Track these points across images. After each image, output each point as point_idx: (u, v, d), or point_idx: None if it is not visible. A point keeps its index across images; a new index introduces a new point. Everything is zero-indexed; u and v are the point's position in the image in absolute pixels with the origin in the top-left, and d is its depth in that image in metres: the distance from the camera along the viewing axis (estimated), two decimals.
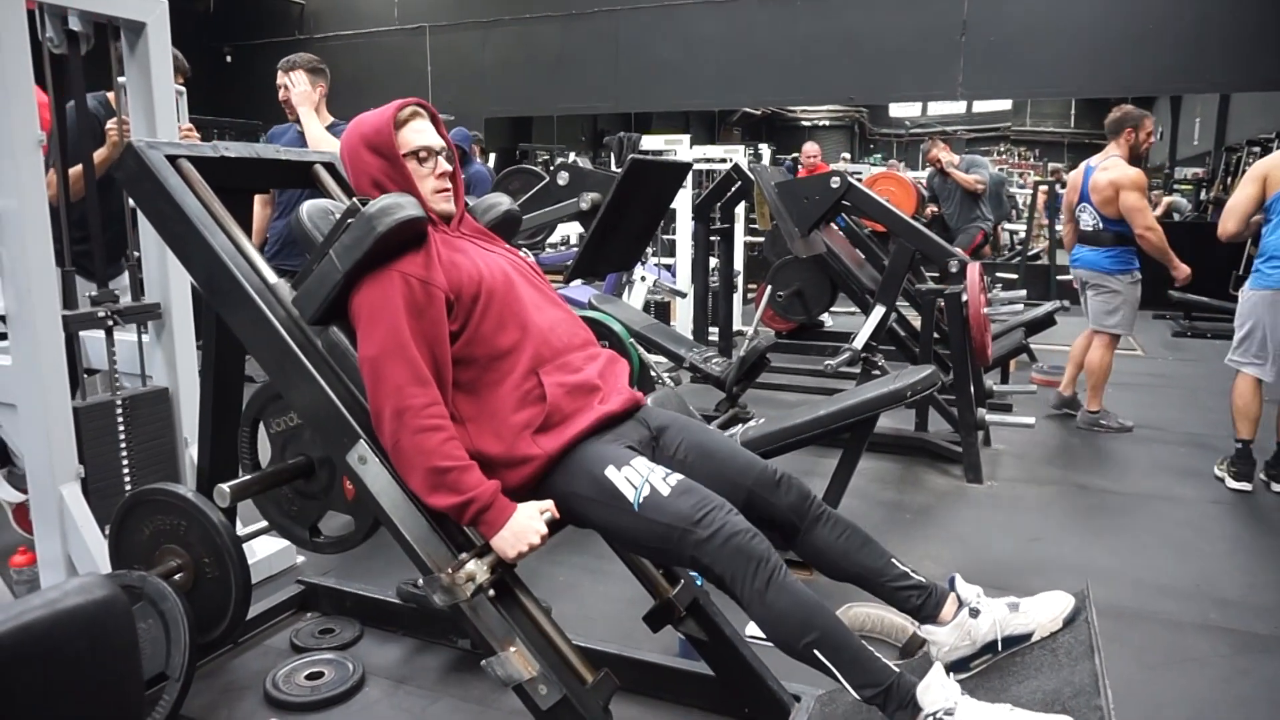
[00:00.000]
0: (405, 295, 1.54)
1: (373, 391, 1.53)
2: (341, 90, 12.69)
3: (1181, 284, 4.33)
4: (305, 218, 1.76)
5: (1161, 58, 8.52)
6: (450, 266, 1.62)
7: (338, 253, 1.56)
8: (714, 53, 10.10)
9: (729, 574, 1.44)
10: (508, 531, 1.49)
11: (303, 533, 1.90)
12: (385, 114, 1.69)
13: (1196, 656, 2.38)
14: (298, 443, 1.86)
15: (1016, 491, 3.66)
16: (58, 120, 2.40)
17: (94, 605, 0.82)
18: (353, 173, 1.74)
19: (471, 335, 1.61)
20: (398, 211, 1.55)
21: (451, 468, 1.49)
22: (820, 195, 3.89)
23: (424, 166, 1.71)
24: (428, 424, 1.50)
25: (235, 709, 2.09)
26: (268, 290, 1.70)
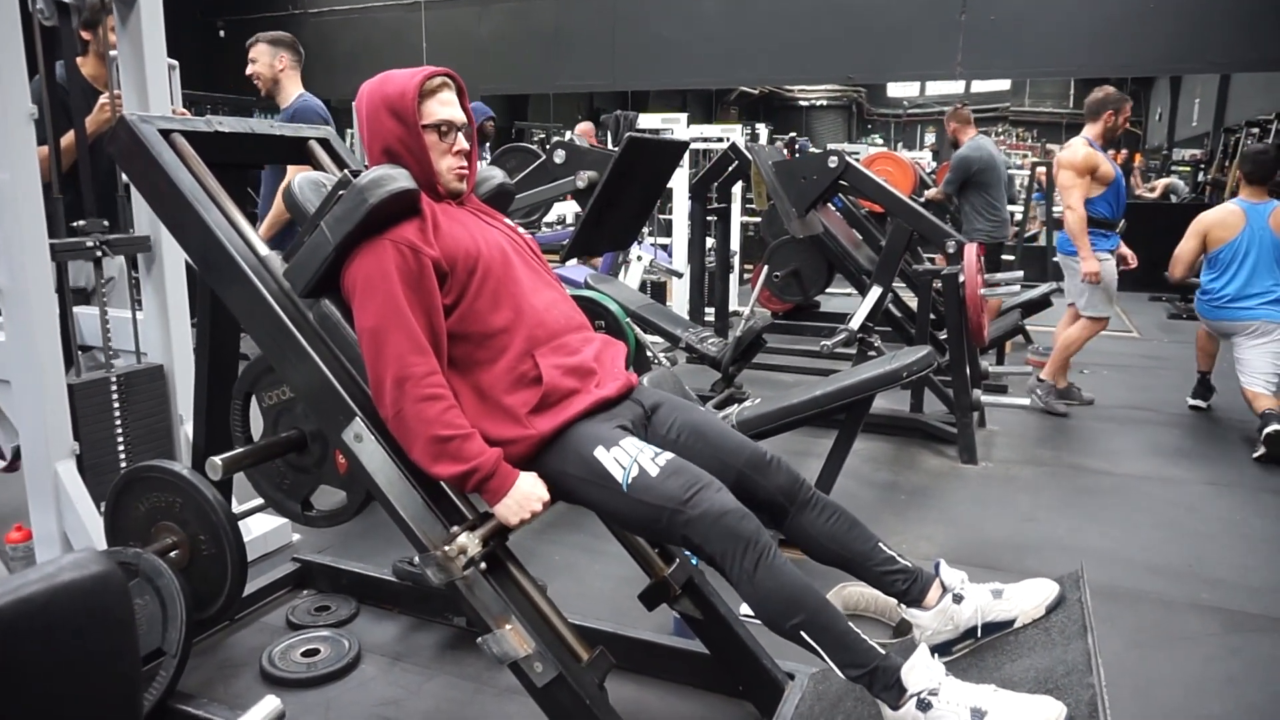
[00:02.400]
0: (399, 264, 1.52)
1: (372, 361, 1.51)
2: (337, 66, 12.66)
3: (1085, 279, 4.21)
4: (296, 190, 1.75)
5: (1161, 38, 8.48)
6: (447, 237, 1.60)
7: (329, 225, 1.55)
8: (712, 31, 10.02)
9: (719, 553, 1.44)
10: (511, 499, 1.50)
11: (295, 507, 1.90)
12: (413, 80, 1.63)
13: (1188, 635, 2.40)
14: (290, 416, 1.85)
15: (1011, 472, 3.67)
16: (49, 91, 2.37)
17: (90, 580, 0.82)
18: (368, 133, 1.68)
19: (466, 310, 1.59)
20: (389, 183, 1.53)
21: (454, 435, 1.48)
22: (818, 175, 3.88)
23: (444, 141, 1.66)
24: (429, 392, 1.49)
25: (231, 685, 2.10)
26: (262, 266, 1.69)
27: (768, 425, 2.65)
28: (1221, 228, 4.17)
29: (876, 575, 1.64)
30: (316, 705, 2.02)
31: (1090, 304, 4.32)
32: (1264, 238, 4.07)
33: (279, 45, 3.52)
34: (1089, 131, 4.31)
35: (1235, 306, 4.08)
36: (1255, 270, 4.05)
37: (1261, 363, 3.98)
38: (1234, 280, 4.09)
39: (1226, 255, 4.12)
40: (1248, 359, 4.03)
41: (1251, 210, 4.13)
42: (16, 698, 0.80)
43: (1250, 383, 3.98)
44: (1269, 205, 4.15)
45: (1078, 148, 4.24)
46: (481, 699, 2.05)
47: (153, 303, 2.58)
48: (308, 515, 1.93)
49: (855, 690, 1.68)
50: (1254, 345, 4.03)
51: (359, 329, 1.54)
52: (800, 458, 3.48)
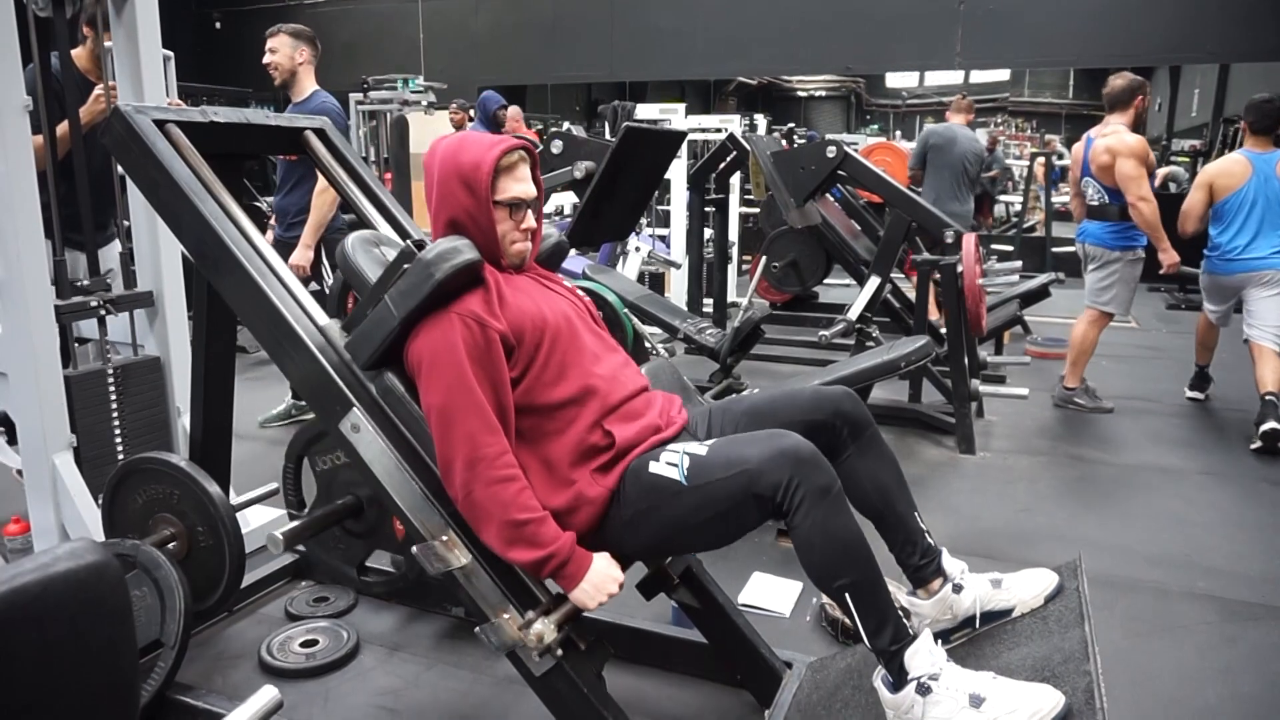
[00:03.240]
0: (465, 338, 1.47)
1: (441, 440, 1.46)
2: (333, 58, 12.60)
3: (1167, 271, 4.21)
4: (350, 252, 1.72)
5: (1161, 28, 8.46)
6: (512, 309, 1.55)
7: (394, 299, 1.51)
8: (710, 22, 10.00)
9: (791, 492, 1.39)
10: (588, 583, 1.46)
11: (350, 571, 1.83)
12: (490, 153, 1.57)
13: (1185, 624, 2.41)
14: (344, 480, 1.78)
15: (1009, 462, 3.68)
16: (43, 83, 2.36)
17: (85, 569, 0.82)
18: (436, 199, 1.62)
19: (533, 383, 1.55)
20: (455, 256, 1.49)
21: (529, 520, 1.44)
22: (816, 165, 3.87)
23: (513, 218, 1.62)
24: (502, 474, 1.44)
25: (230, 676, 2.10)
26: (258, 257, 1.69)
27: None
28: (1227, 176, 4.08)
29: (901, 542, 1.64)
30: (315, 695, 2.02)
31: (1116, 300, 4.26)
32: (1271, 186, 3.99)
33: (300, 38, 3.54)
34: (1120, 119, 4.17)
35: (1247, 258, 3.99)
36: (1264, 220, 3.97)
37: (1273, 314, 3.92)
38: (1243, 231, 4.00)
39: (1233, 205, 4.03)
40: (1258, 310, 3.98)
41: (1257, 160, 4.05)
42: (11, 687, 0.80)
43: (1259, 336, 3.93)
44: (1275, 154, 4.06)
45: (1128, 135, 4.08)
46: (480, 688, 2.06)
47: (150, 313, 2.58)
48: (364, 580, 1.87)
49: (853, 678, 1.69)
50: (1266, 296, 3.96)
51: (426, 406, 1.50)
52: None
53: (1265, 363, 3.88)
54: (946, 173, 5.55)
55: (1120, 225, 4.17)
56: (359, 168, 2.11)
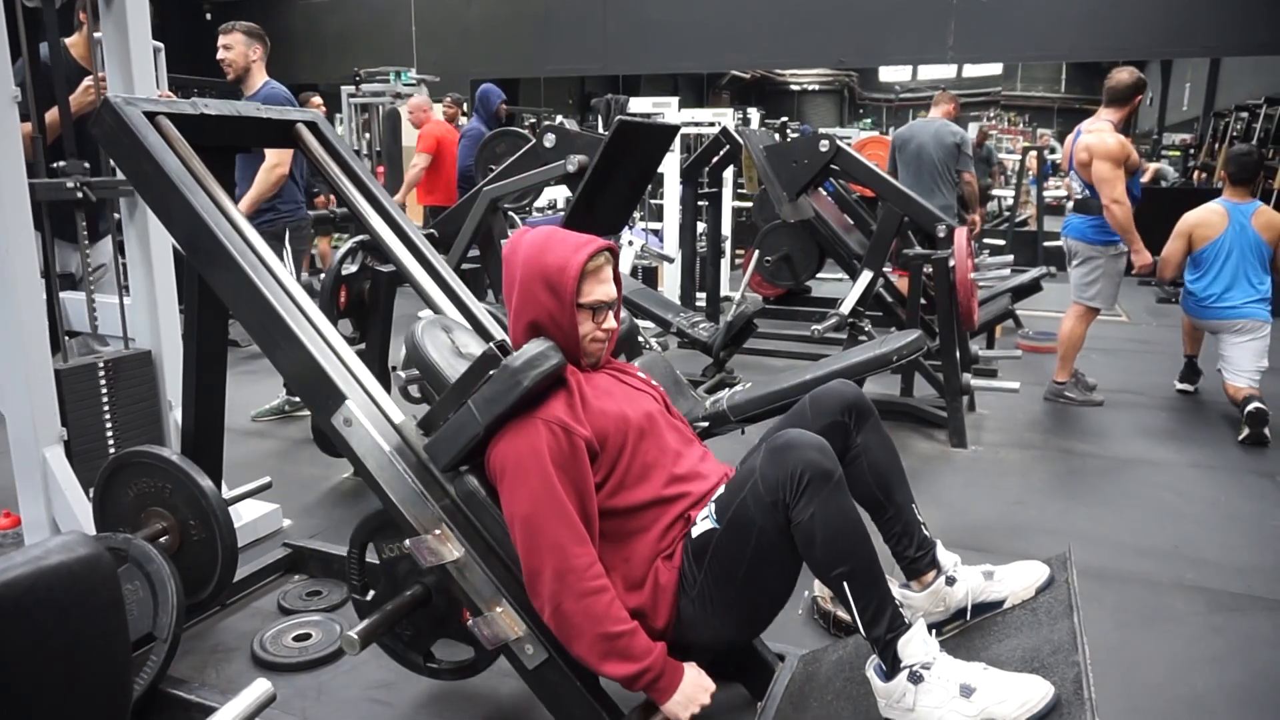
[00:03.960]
0: (551, 445, 1.46)
1: (527, 551, 1.44)
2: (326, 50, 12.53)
3: (1139, 271, 4.23)
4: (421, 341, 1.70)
5: (1153, 21, 8.48)
6: (596, 413, 1.54)
7: (478, 405, 1.49)
8: (704, 15, 9.98)
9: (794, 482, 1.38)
10: (680, 695, 1.45)
11: (417, 658, 1.81)
12: (577, 258, 1.55)
13: (1173, 615, 2.43)
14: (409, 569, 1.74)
15: (1000, 456, 3.69)
16: (32, 71, 2.35)
17: (77, 562, 0.82)
18: (518, 300, 1.60)
19: (616, 485, 1.54)
20: (543, 363, 1.48)
21: (622, 633, 1.43)
22: (809, 159, 3.87)
23: (594, 319, 1.61)
24: (593, 586, 1.43)
25: (223, 670, 2.10)
26: (250, 250, 1.68)
27: (758, 409, 2.66)
28: (1205, 227, 4.18)
29: (898, 534, 1.65)
30: (308, 689, 2.02)
31: (1100, 295, 4.29)
32: (1246, 237, 4.09)
33: (253, 37, 3.65)
34: (1111, 115, 4.17)
35: (1221, 306, 4.10)
36: (1239, 269, 4.08)
37: (1246, 360, 4.02)
38: (1218, 279, 4.11)
39: (1210, 254, 4.14)
40: (1232, 356, 4.06)
41: (1234, 210, 4.14)
42: (3, 680, 0.80)
43: (1234, 379, 4.02)
44: (1252, 205, 4.17)
45: (1108, 135, 4.08)
46: (473, 681, 2.05)
47: (140, 288, 2.57)
48: (431, 668, 1.85)
49: (844, 670, 1.70)
50: (1239, 343, 4.06)
51: (509, 514, 1.47)
52: None
53: (1240, 392, 3.98)
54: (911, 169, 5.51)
55: (1102, 220, 4.19)
56: (351, 161, 2.11)
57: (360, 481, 2.92)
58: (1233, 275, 4.08)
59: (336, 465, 3.34)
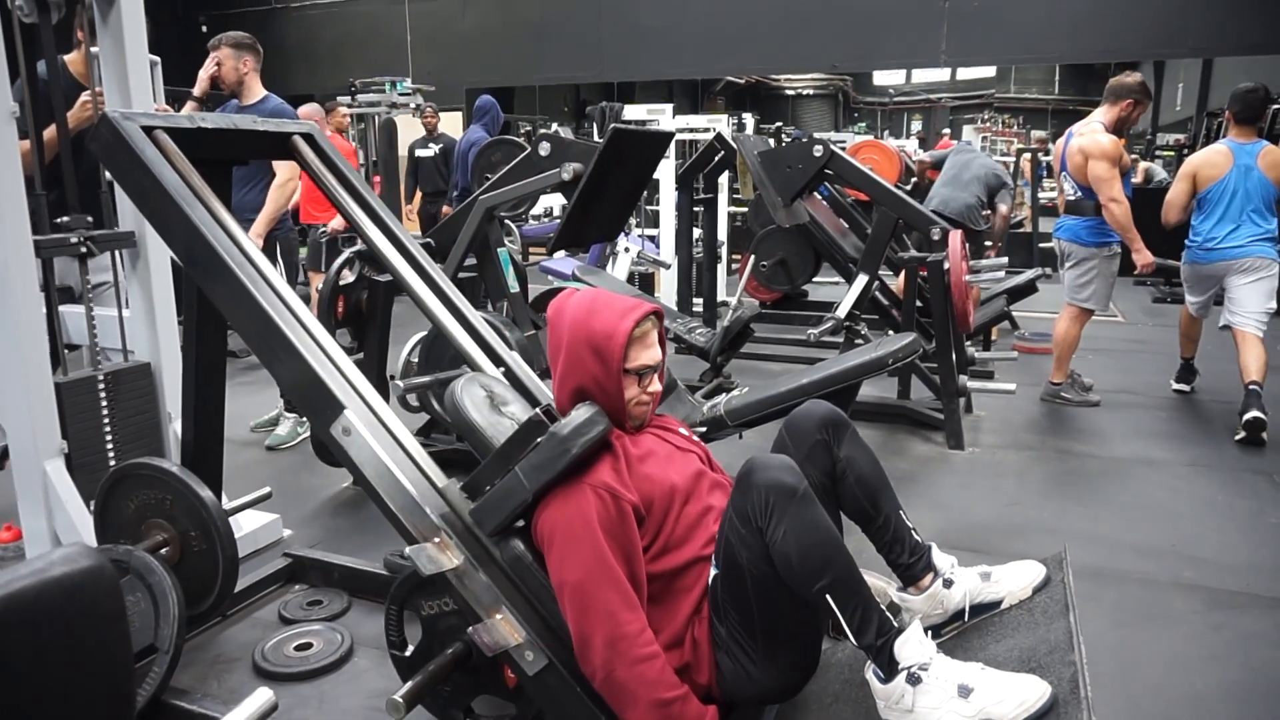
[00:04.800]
0: (600, 512, 1.46)
1: (578, 619, 1.44)
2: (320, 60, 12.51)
3: (1142, 270, 4.23)
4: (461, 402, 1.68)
5: (1145, 23, 8.51)
6: (642, 477, 1.55)
7: (525, 472, 1.49)
8: (697, 22, 10.01)
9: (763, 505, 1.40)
10: None
11: (457, 715, 1.83)
12: (624, 325, 1.55)
13: (1171, 614, 2.44)
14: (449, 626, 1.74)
15: (997, 457, 3.70)
16: (30, 88, 2.36)
17: (80, 574, 0.82)
18: (564, 365, 1.61)
19: (662, 548, 1.54)
20: (591, 430, 1.49)
21: (675, 699, 1.42)
22: (803, 164, 3.89)
23: (640, 384, 1.61)
24: (645, 653, 1.42)
25: (225, 680, 2.11)
26: (248, 262, 1.69)
27: (755, 414, 2.67)
28: (1210, 167, 4.13)
29: (889, 542, 1.66)
30: (310, 698, 2.03)
31: (1094, 296, 4.29)
32: (1252, 177, 4.04)
33: (242, 48, 3.62)
34: (1103, 116, 4.19)
35: (1226, 246, 4.05)
36: (1244, 210, 4.02)
37: (1253, 300, 3.98)
38: (1224, 220, 4.05)
39: (1215, 194, 4.08)
40: (1239, 297, 4.02)
41: (1239, 150, 4.09)
42: (7, 692, 0.81)
43: (1240, 322, 3.98)
44: (1257, 145, 4.10)
45: (1102, 135, 4.10)
46: None
47: (139, 300, 2.58)
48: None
49: (843, 672, 1.70)
50: (1246, 283, 4.02)
51: (558, 582, 1.46)
52: None
53: (1249, 349, 3.93)
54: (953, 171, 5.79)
55: (1095, 221, 4.20)
56: (347, 172, 2.12)
57: (360, 491, 2.93)
58: (1238, 216, 4.03)
59: (336, 475, 3.35)
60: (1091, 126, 4.19)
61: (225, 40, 3.60)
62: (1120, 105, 4.16)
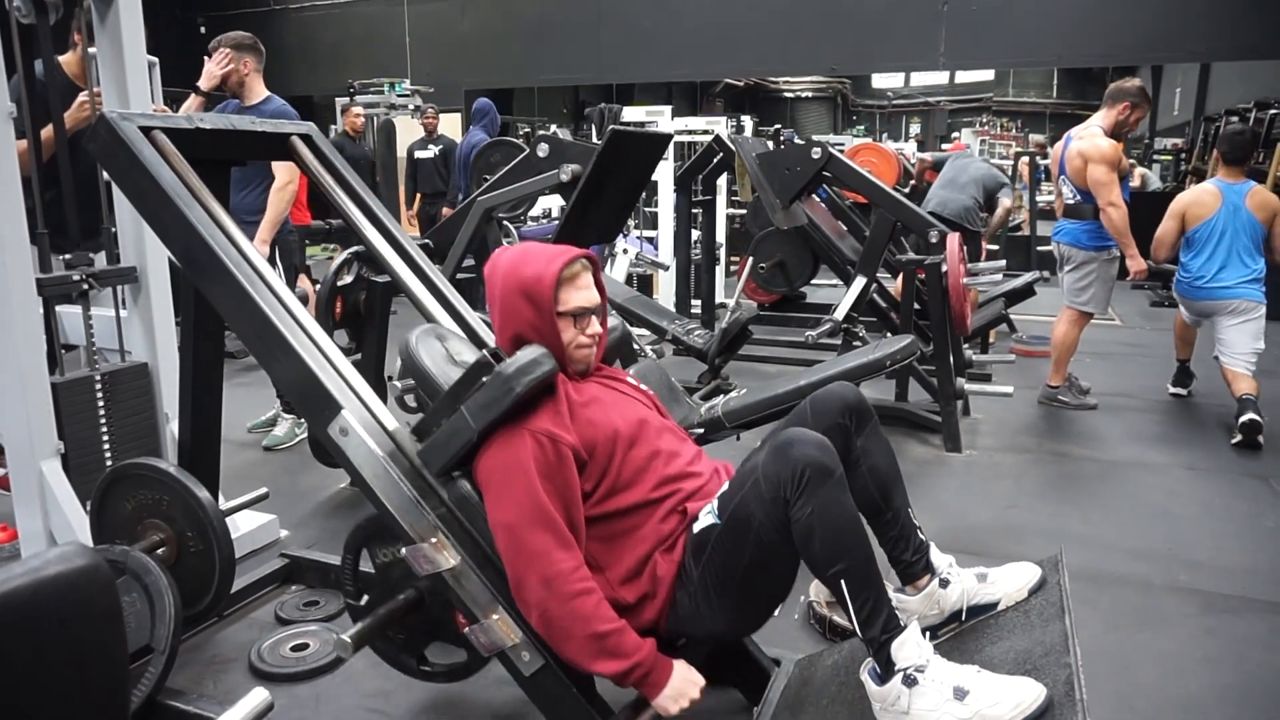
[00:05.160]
0: (537, 455, 1.48)
1: (512, 558, 1.47)
2: (319, 62, 12.52)
3: (1135, 277, 4.25)
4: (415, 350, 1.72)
5: (1143, 27, 8.52)
6: (584, 422, 1.56)
7: (471, 411, 1.50)
8: (696, 23, 10.02)
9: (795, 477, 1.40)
10: (670, 690, 1.47)
11: (410, 661, 1.82)
12: (551, 267, 1.59)
13: (1166, 617, 2.44)
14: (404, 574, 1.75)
15: (994, 460, 3.71)
16: (27, 87, 2.36)
17: (75, 573, 0.82)
18: (500, 315, 1.64)
19: (607, 490, 1.56)
20: (535, 370, 1.50)
21: (610, 631, 1.44)
22: (801, 166, 3.89)
23: (576, 326, 1.63)
24: (578, 589, 1.44)
25: (221, 681, 2.11)
26: (246, 263, 1.69)
27: (753, 415, 2.67)
28: (1198, 206, 4.18)
29: (895, 538, 1.66)
30: (306, 699, 2.03)
31: (1093, 300, 4.31)
32: (1240, 217, 4.08)
33: (243, 49, 3.59)
34: (1101, 120, 4.19)
35: (1214, 286, 4.09)
36: (1232, 250, 4.07)
37: (1241, 342, 4.01)
38: (1212, 259, 4.10)
39: (1203, 234, 4.13)
40: (1228, 338, 4.06)
41: (1228, 190, 4.13)
42: (2, 691, 0.81)
43: (1231, 362, 4.01)
44: (1245, 185, 4.15)
45: (1101, 139, 4.11)
46: (470, 689, 2.06)
47: (135, 290, 2.57)
48: (424, 670, 1.86)
49: (840, 675, 1.71)
50: (1234, 324, 4.05)
51: (494, 522, 1.50)
52: None
53: (1238, 380, 3.97)
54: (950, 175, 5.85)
55: (1094, 225, 4.21)
56: (345, 173, 2.12)
57: (357, 491, 2.93)
58: (1226, 255, 4.07)
59: (333, 475, 3.34)
60: (1090, 130, 4.19)
61: (226, 40, 3.57)
62: (1118, 109, 4.16)
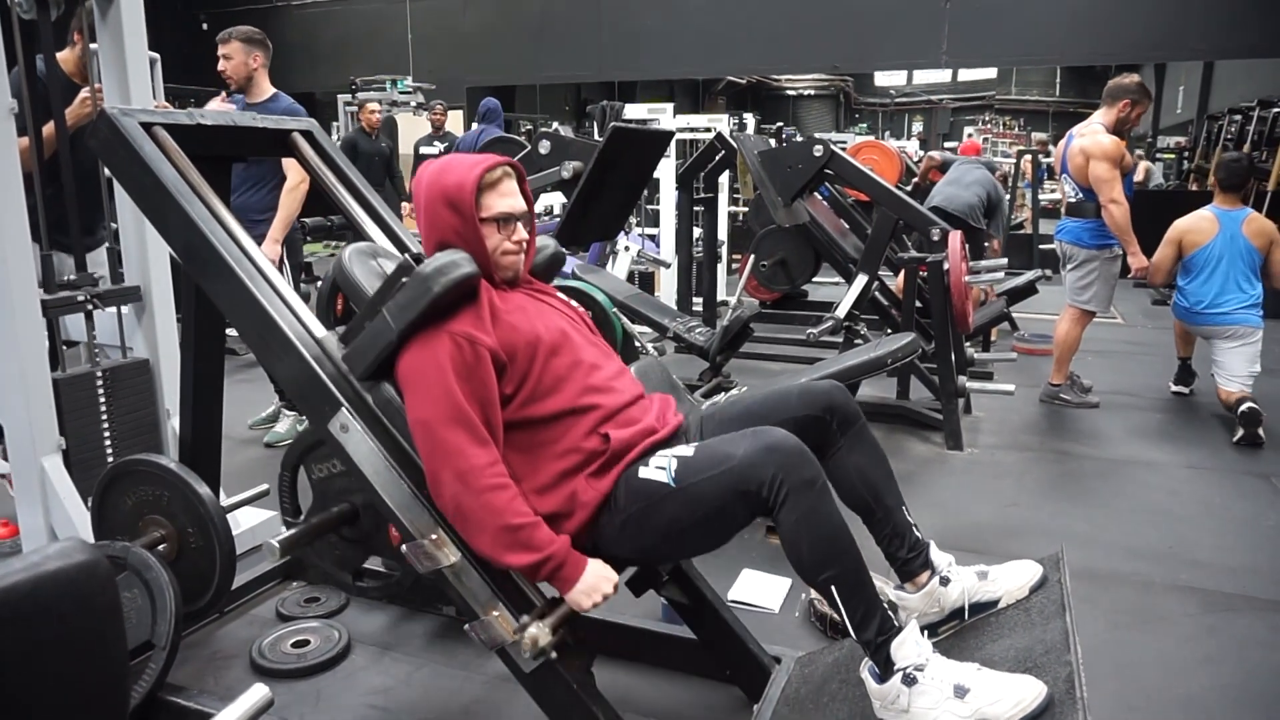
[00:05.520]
0: (454, 356, 1.49)
1: (428, 454, 1.49)
2: (320, 59, 12.52)
3: (1137, 274, 4.30)
4: (348, 264, 1.73)
5: (1146, 25, 8.51)
6: (505, 327, 1.57)
7: (391, 312, 1.52)
8: (699, 21, 10.01)
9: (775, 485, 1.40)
10: (583, 585, 1.47)
11: (346, 578, 1.84)
12: (472, 172, 1.60)
13: (1167, 615, 2.44)
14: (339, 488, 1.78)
15: (996, 458, 3.71)
16: (28, 85, 2.36)
17: (75, 568, 0.82)
18: (425, 224, 1.65)
19: (527, 398, 1.56)
20: (453, 271, 1.50)
21: (523, 524, 1.45)
22: (803, 164, 3.89)
23: (501, 233, 1.63)
24: (493, 482, 1.46)
25: (222, 677, 2.11)
26: (247, 260, 1.69)
27: None
28: (1195, 233, 4.20)
29: (889, 536, 1.65)
30: (307, 695, 2.03)
31: (1096, 298, 4.32)
32: (1236, 244, 4.11)
33: (253, 44, 3.56)
34: (1102, 117, 4.22)
35: (1212, 312, 4.12)
36: (1229, 276, 4.10)
37: (1238, 365, 4.03)
38: (1208, 285, 4.13)
39: (1200, 260, 4.16)
40: (1225, 361, 4.08)
41: (1224, 216, 4.16)
42: (2, 686, 0.81)
43: (1227, 384, 4.04)
44: (1242, 212, 4.19)
45: (1103, 136, 4.13)
46: (471, 687, 2.07)
47: (138, 307, 2.58)
48: (359, 586, 1.87)
49: (840, 672, 1.71)
50: (1231, 348, 4.07)
51: (412, 421, 1.51)
52: None
53: (1232, 397, 4.00)
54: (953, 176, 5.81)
55: (1096, 223, 4.22)
56: (347, 170, 2.12)
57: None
58: (1223, 281, 4.10)
59: None
60: (1093, 128, 4.21)
61: (236, 35, 3.53)
62: (1118, 106, 4.17)
